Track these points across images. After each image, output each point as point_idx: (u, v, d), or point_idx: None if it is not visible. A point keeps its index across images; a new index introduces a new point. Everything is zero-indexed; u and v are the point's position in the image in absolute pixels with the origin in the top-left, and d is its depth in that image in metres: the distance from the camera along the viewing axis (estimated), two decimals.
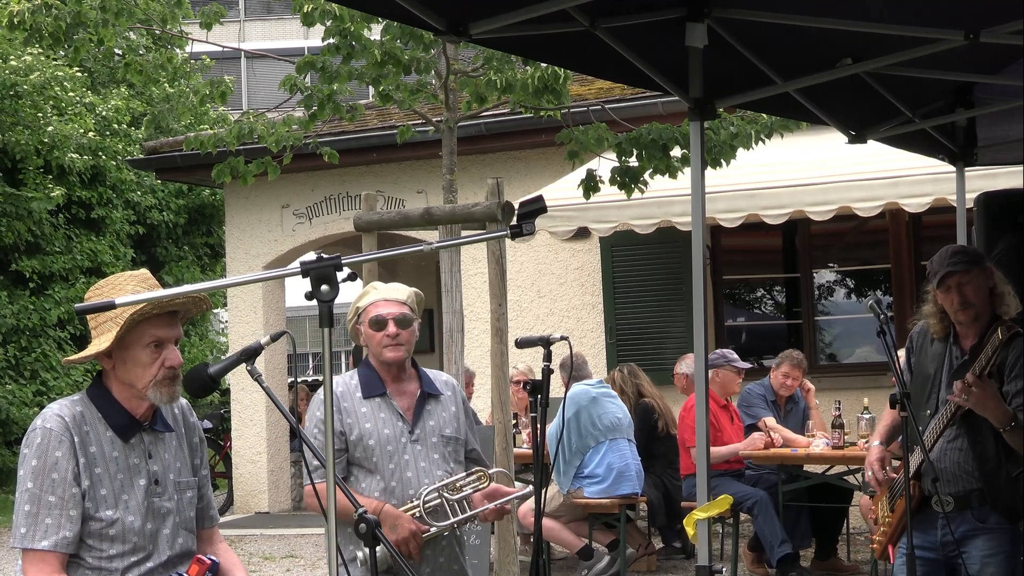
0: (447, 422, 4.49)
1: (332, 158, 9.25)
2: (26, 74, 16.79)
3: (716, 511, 4.73)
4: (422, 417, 4.45)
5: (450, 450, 4.46)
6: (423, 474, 4.36)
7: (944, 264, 4.77)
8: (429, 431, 4.44)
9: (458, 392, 4.62)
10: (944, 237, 6.73)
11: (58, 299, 17.62)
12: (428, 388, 4.50)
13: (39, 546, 3.27)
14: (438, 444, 4.43)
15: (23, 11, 8.22)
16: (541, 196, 3.09)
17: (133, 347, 3.37)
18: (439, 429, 4.46)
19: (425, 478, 4.35)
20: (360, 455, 4.37)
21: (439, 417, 4.48)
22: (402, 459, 4.37)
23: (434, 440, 4.43)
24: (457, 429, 4.51)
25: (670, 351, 10.98)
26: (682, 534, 9.15)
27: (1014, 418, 4.59)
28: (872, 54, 5.08)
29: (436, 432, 4.45)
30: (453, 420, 4.51)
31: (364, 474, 4.38)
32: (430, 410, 4.47)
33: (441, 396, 4.52)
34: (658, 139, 8.31)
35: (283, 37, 34.37)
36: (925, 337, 4.94)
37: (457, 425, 4.51)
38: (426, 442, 4.42)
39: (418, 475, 4.35)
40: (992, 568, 4.68)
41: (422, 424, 4.44)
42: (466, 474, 4.39)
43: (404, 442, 4.38)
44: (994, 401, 4.59)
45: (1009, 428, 4.60)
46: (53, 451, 3.30)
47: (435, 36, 7.02)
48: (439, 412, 4.49)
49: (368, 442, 4.37)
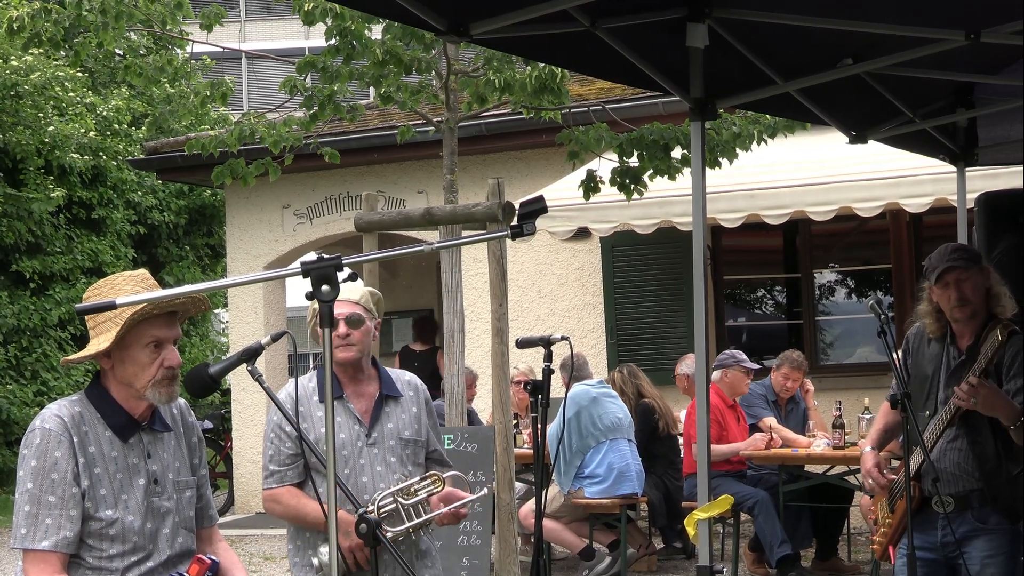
0: (407, 424, 4.39)
1: (333, 158, 9.25)
2: (27, 74, 16.79)
3: (717, 511, 4.73)
4: (380, 420, 4.35)
5: (408, 452, 4.36)
6: (379, 478, 4.28)
7: (943, 260, 4.77)
8: (387, 434, 4.34)
9: (421, 392, 4.51)
10: (945, 237, 6.71)
11: (59, 299, 17.62)
12: (388, 390, 4.40)
13: (39, 546, 3.27)
14: (396, 447, 4.34)
15: (23, 16, 8.22)
16: (542, 196, 3.09)
17: (132, 347, 3.37)
18: (397, 432, 4.36)
19: (381, 482, 4.26)
20: (317, 460, 4.24)
21: (398, 419, 4.38)
22: (358, 463, 4.28)
23: (392, 443, 4.34)
24: (417, 431, 4.41)
25: (671, 351, 10.99)
26: (683, 534, 9.15)
27: (1022, 415, 4.59)
28: (873, 54, 5.08)
29: (394, 435, 4.35)
30: (413, 422, 4.41)
31: (321, 479, 4.21)
32: (389, 412, 4.38)
33: (401, 397, 4.42)
34: (659, 139, 8.31)
35: (283, 37, 34.39)
36: (921, 338, 4.94)
37: (418, 427, 4.42)
38: (383, 445, 4.32)
39: (374, 479, 4.27)
40: (992, 569, 4.67)
41: (380, 427, 4.34)
42: (420, 478, 4.27)
43: (360, 446, 4.29)
44: (1002, 399, 4.60)
45: (1018, 425, 4.59)
46: (52, 451, 3.30)
47: (436, 36, 7.02)
48: (398, 414, 4.39)
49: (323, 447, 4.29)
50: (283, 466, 4.34)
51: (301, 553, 4.36)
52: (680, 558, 9.59)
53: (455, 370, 7.29)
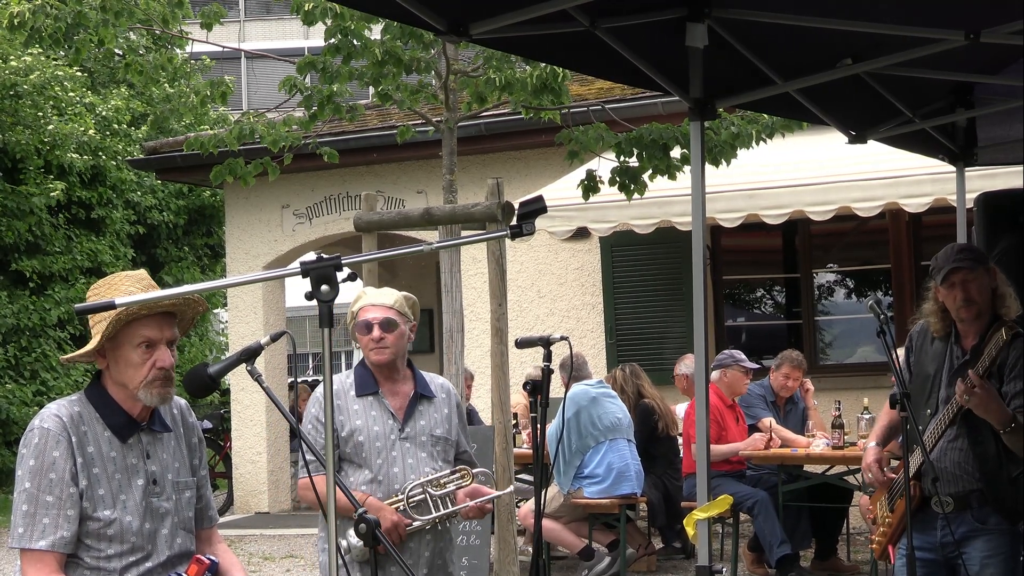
0: (438, 423, 4.64)
1: (332, 158, 9.24)
2: (26, 74, 16.79)
3: (716, 511, 4.73)
4: (413, 416, 4.60)
5: (439, 449, 4.62)
6: (410, 470, 4.52)
7: (950, 260, 4.76)
8: (419, 430, 4.59)
9: (453, 396, 4.77)
10: (944, 237, 6.72)
11: (58, 299, 17.62)
12: (422, 390, 4.66)
13: (37, 546, 3.27)
14: (427, 443, 4.59)
15: (23, 12, 8.21)
16: (541, 196, 3.09)
17: (124, 347, 3.37)
18: (429, 429, 4.61)
19: (412, 474, 4.51)
20: (350, 450, 4.53)
21: (430, 418, 4.63)
22: (390, 455, 4.52)
23: (423, 439, 4.58)
24: (448, 431, 4.66)
25: (670, 351, 10.99)
26: (682, 534, 9.15)
27: (1014, 420, 4.59)
28: (872, 54, 5.08)
29: (426, 432, 4.60)
30: (445, 422, 4.66)
31: (353, 468, 4.55)
32: (422, 410, 4.63)
33: (435, 398, 4.67)
34: (658, 139, 8.31)
35: (283, 37, 34.38)
36: (925, 337, 4.94)
37: (448, 427, 4.67)
38: (415, 440, 4.57)
39: (404, 471, 4.51)
40: (992, 569, 4.67)
41: (412, 423, 4.59)
42: (450, 471, 4.54)
43: (393, 439, 4.54)
44: (996, 403, 4.59)
45: (1009, 430, 4.60)
46: (51, 451, 3.30)
47: (435, 36, 7.02)
48: (431, 413, 4.64)
49: (358, 438, 4.52)
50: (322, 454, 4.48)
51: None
52: (679, 558, 9.59)
53: (455, 370, 7.29)
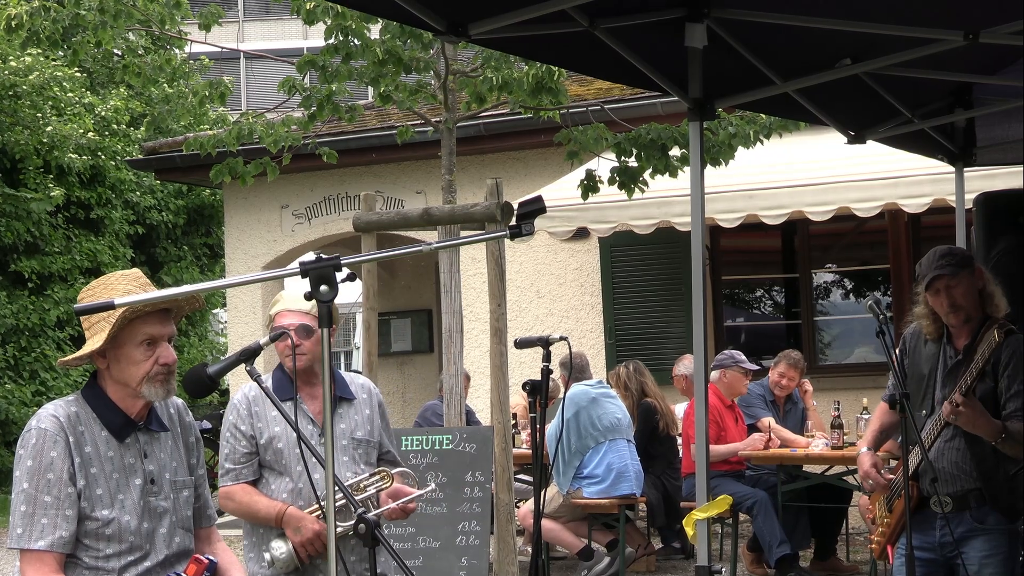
0: (359, 425, 4.56)
1: (331, 158, 9.24)
2: (25, 74, 16.79)
3: (715, 511, 4.73)
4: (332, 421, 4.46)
5: (360, 452, 4.53)
6: None
7: (932, 268, 4.77)
8: (339, 434, 4.51)
9: (375, 395, 4.68)
10: (943, 237, 6.72)
11: (57, 299, 17.62)
12: (341, 392, 4.57)
13: (35, 546, 3.27)
14: (348, 447, 4.51)
15: (21, 14, 8.21)
16: (540, 196, 3.09)
17: (126, 345, 3.37)
18: (350, 432, 4.53)
19: None
20: (270, 458, 4.48)
21: (350, 420, 4.55)
22: (311, 460, 4.38)
23: (344, 443, 4.51)
24: (370, 432, 4.58)
25: (669, 352, 10.98)
26: (681, 534, 9.15)
27: (1004, 430, 4.59)
28: (871, 54, 5.08)
29: (346, 435, 4.52)
30: (366, 423, 4.58)
31: (274, 476, 4.49)
32: (341, 413, 4.55)
33: (355, 400, 4.59)
34: (657, 139, 8.31)
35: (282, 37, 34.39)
36: (919, 338, 4.94)
37: (370, 428, 4.58)
38: (335, 445, 4.48)
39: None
40: (991, 569, 4.67)
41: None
42: (369, 474, 4.45)
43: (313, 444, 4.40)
44: (983, 419, 4.60)
45: (1001, 440, 4.61)
46: (48, 451, 3.30)
47: (434, 36, 7.02)
48: (351, 415, 4.56)
49: (277, 445, 4.47)
50: (238, 464, 4.53)
51: (256, 549, 4.54)
52: (679, 558, 9.59)
53: (453, 370, 7.29)
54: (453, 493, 6.83)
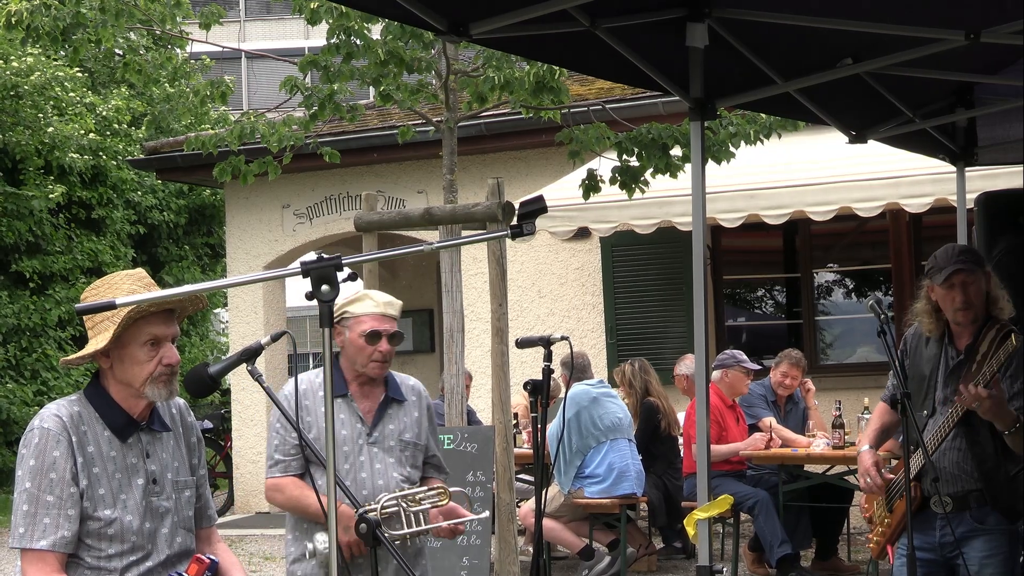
0: (408, 427, 4.54)
1: (333, 158, 9.24)
2: (27, 74, 16.79)
3: (716, 511, 4.73)
4: (382, 421, 4.50)
5: (408, 454, 4.52)
6: (378, 475, 4.43)
7: (951, 261, 4.75)
8: (388, 434, 4.49)
9: (424, 398, 4.67)
10: (945, 237, 6.72)
11: (58, 299, 17.63)
12: (393, 393, 4.55)
13: (37, 546, 3.27)
14: (395, 448, 4.49)
15: (21, 11, 8.21)
16: (541, 196, 3.09)
17: (130, 345, 3.37)
18: (398, 433, 4.51)
19: (379, 479, 4.41)
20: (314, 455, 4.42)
21: (400, 422, 4.53)
22: (358, 460, 4.43)
23: (391, 444, 4.49)
24: (417, 435, 4.56)
25: (670, 351, 10.99)
26: (682, 534, 9.15)
27: (1017, 420, 4.59)
28: (872, 54, 5.08)
29: (395, 436, 4.50)
30: (414, 425, 4.56)
31: (320, 472, 4.42)
32: (391, 414, 4.52)
33: (405, 402, 4.58)
34: (658, 138, 8.31)
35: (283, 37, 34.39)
36: (919, 339, 4.94)
37: (418, 431, 4.57)
38: (383, 445, 4.47)
39: (373, 476, 4.42)
40: (991, 569, 4.67)
41: (381, 427, 4.49)
42: (428, 488, 4.41)
43: (361, 443, 4.44)
44: (1003, 408, 4.60)
45: (1014, 431, 4.60)
46: (51, 451, 3.30)
47: (436, 36, 7.02)
48: (400, 417, 4.54)
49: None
50: (288, 456, 4.47)
51: (297, 543, 4.49)
52: (680, 558, 9.59)
53: (455, 370, 7.29)
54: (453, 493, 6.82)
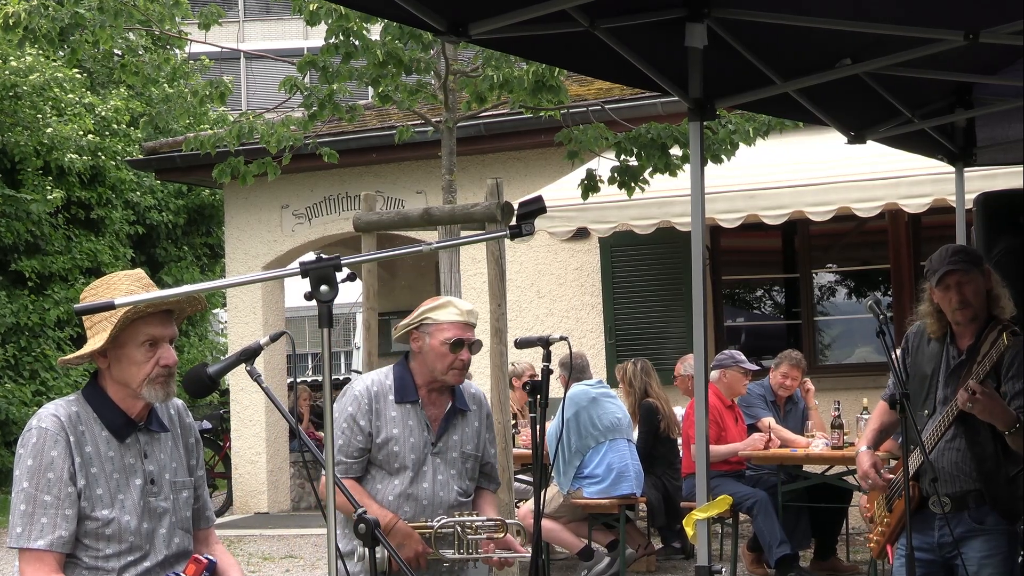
0: (469, 438, 4.55)
1: (331, 158, 9.24)
2: (26, 75, 16.78)
3: (715, 511, 4.73)
4: (447, 431, 4.51)
5: (468, 466, 4.54)
6: (439, 487, 4.45)
7: (944, 263, 4.76)
8: (452, 445, 4.51)
9: (484, 406, 4.67)
10: (944, 238, 6.72)
11: (57, 299, 17.62)
12: (459, 404, 4.55)
13: (35, 545, 3.27)
14: (457, 460, 4.51)
15: (19, 12, 8.20)
16: (540, 196, 3.08)
17: (128, 346, 3.37)
18: (461, 445, 4.53)
19: (440, 491, 4.44)
20: (383, 458, 4.44)
21: (463, 433, 4.54)
22: (421, 469, 4.44)
23: (454, 455, 4.50)
24: (477, 446, 4.58)
25: (670, 352, 10.98)
26: (681, 534, 9.15)
27: (1017, 420, 4.59)
28: (872, 54, 5.08)
29: (458, 447, 4.52)
30: (475, 436, 4.58)
31: (383, 476, 4.45)
32: (456, 424, 4.53)
33: (468, 412, 4.57)
34: (657, 138, 8.31)
35: (282, 37, 34.38)
36: (921, 337, 4.94)
37: (478, 441, 4.59)
38: (446, 456, 4.49)
39: (434, 487, 4.44)
40: (990, 569, 4.67)
41: (446, 438, 4.50)
42: (487, 519, 4.42)
43: (426, 453, 4.45)
44: (1000, 407, 4.59)
45: (1014, 431, 4.59)
46: (49, 450, 3.30)
47: (435, 36, 7.02)
48: (463, 428, 4.55)
49: (393, 447, 4.42)
50: (351, 458, 4.46)
51: (346, 540, 4.46)
52: (679, 558, 9.59)
53: None
54: None
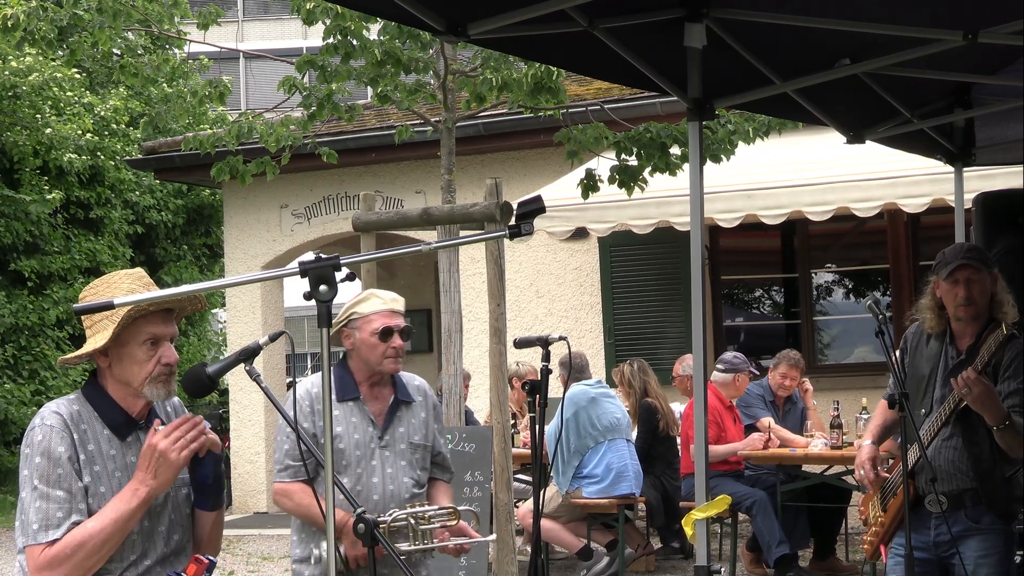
0: (416, 428, 4.54)
1: (331, 158, 9.24)
2: (25, 75, 16.78)
3: (714, 511, 4.73)
4: (392, 424, 4.50)
5: (417, 457, 4.52)
6: (389, 480, 4.43)
7: (959, 256, 4.76)
8: (399, 437, 4.49)
9: (429, 397, 4.65)
10: (943, 237, 6.73)
11: (56, 299, 17.62)
12: (402, 395, 4.54)
13: (52, 538, 3.25)
14: (406, 451, 4.49)
15: (18, 14, 8.20)
16: (540, 196, 3.09)
17: (129, 344, 3.37)
18: (408, 436, 4.51)
19: (391, 484, 4.41)
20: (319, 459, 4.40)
21: (409, 424, 4.53)
22: (370, 464, 4.41)
23: (402, 447, 4.48)
24: (425, 436, 4.56)
25: (668, 351, 10.99)
26: (680, 534, 9.16)
27: (1008, 418, 4.59)
28: (870, 54, 5.09)
29: (405, 439, 4.50)
30: (422, 427, 4.56)
31: None
32: (401, 416, 4.52)
33: (413, 403, 4.56)
34: (656, 138, 8.31)
35: (281, 37, 34.38)
36: (920, 337, 4.94)
37: (426, 431, 4.57)
38: (394, 448, 4.47)
39: (384, 481, 4.42)
40: (986, 569, 4.67)
41: (392, 430, 4.49)
42: (439, 508, 4.38)
43: (373, 447, 4.43)
44: (993, 399, 4.60)
45: (1003, 427, 4.60)
46: (56, 446, 3.30)
47: (434, 36, 7.02)
48: (409, 419, 4.53)
49: (339, 445, 4.40)
50: (298, 461, 4.45)
51: (303, 545, 4.48)
52: (678, 558, 9.59)
53: (453, 370, 7.29)
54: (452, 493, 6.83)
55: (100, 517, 3.28)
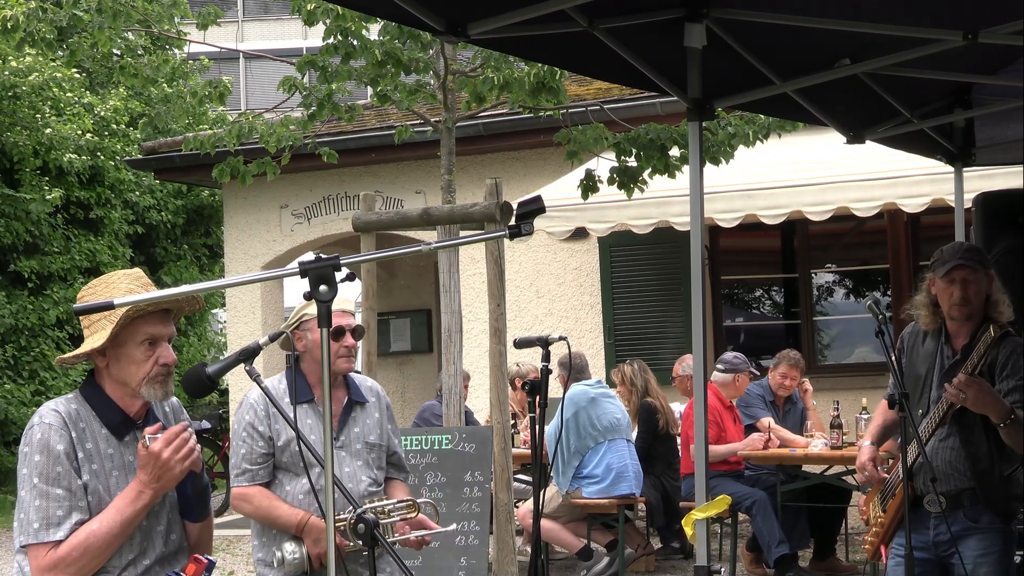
0: (371, 428, 4.59)
1: (331, 158, 9.24)
2: (25, 75, 16.78)
3: (714, 511, 4.74)
4: (347, 424, 4.55)
5: (373, 456, 4.58)
6: (347, 479, 4.47)
7: (956, 255, 4.76)
8: (354, 438, 4.55)
9: (382, 398, 4.71)
10: (942, 237, 6.72)
11: (56, 299, 17.62)
12: (355, 396, 4.59)
13: (55, 537, 3.26)
14: (362, 451, 4.55)
15: (17, 15, 8.20)
16: (539, 196, 3.09)
17: (127, 344, 3.37)
18: (363, 436, 4.57)
19: (349, 483, 4.45)
20: (287, 460, 4.49)
21: (364, 424, 4.58)
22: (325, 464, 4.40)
23: (358, 447, 4.54)
24: (380, 435, 4.62)
25: (668, 351, 10.99)
26: (680, 534, 9.16)
27: (1012, 413, 4.59)
28: (870, 54, 5.09)
29: (360, 439, 4.56)
30: (377, 426, 4.62)
31: (289, 478, 4.51)
32: (355, 417, 4.57)
33: (367, 403, 4.62)
34: (656, 139, 8.31)
35: (281, 37, 34.37)
36: (916, 338, 4.94)
37: (381, 431, 4.63)
38: (350, 448, 4.53)
39: (342, 480, 4.43)
40: (985, 568, 4.67)
41: (347, 431, 4.54)
42: (398, 501, 4.44)
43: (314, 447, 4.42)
44: (991, 396, 4.60)
45: (1007, 423, 4.60)
46: (55, 445, 3.30)
47: (434, 36, 7.02)
48: (364, 419, 4.59)
49: (295, 447, 4.44)
50: (255, 465, 4.52)
51: (265, 549, 4.54)
52: (678, 558, 9.59)
53: (453, 370, 7.29)
54: (452, 493, 6.83)
55: (104, 519, 3.29)
